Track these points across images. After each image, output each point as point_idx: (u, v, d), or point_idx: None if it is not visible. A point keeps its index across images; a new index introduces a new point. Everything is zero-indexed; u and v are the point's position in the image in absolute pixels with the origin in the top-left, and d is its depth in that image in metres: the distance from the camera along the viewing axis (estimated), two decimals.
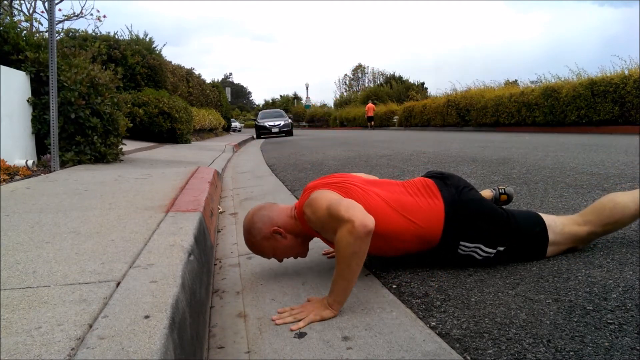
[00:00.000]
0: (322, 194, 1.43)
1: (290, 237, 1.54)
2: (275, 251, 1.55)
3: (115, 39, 10.56)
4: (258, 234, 1.53)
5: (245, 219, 1.57)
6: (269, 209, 1.58)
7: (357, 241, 1.23)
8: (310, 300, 1.31)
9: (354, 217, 1.24)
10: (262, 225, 1.52)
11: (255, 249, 1.58)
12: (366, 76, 49.63)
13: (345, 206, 1.29)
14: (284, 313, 1.27)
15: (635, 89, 9.83)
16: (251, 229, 1.54)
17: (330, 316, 1.24)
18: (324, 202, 1.37)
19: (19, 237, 1.51)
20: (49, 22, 3.65)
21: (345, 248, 1.23)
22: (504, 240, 1.52)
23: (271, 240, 1.53)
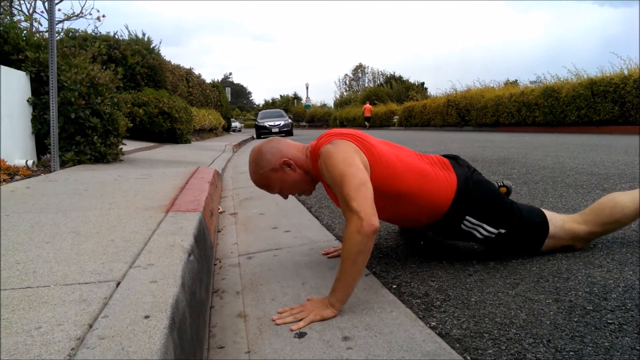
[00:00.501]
0: (341, 152, 1.37)
1: (299, 172, 1.51)
2: (283, 184, 1.52)
3: (115, 39, 10.56)
4: (267, 165, 1.49)
5: (253, 151, 1.53)
6: (278, 142, 1.55)
7: (364, 239, 1.24)
8: (311, 300, 1.31)
9: (363, 214, 1.24)
10: (271, 157, 1.49)
11: (261, 182, 1.54)
12: (366, 76, 49.66)
13: (358, 190, 1.27)
14: (284, 313, 1.26)
15: (635, 89, 9.83)
16: (259, 160, 1.50)
17: (330, 316, 1.23)
18: (340, 167, 1.33)
19: (19, 237, 1.51)
20: (49, 22, 3.65)
21: (354, 246, 1.24)
22: (506, 224, 1.54)
23: (280, 172, 1.49)
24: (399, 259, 1.68)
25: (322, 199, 2.90)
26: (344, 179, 1.31)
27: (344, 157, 1.36)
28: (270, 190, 1.56)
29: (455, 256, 1.68)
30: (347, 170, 1.32)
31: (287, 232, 2.18)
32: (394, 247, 1.83)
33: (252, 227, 2.36)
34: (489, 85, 17.07)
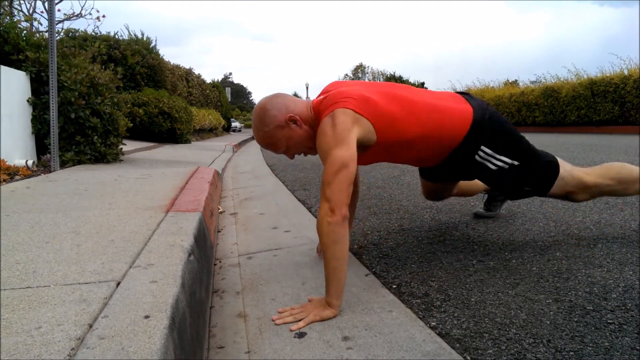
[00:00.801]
0: (335, 127, 1.33)
1: (305, 128, 1.45)
2: (289, 142, 1.45)
3: (115, 39, 10.57)
4: (272, 122, 1.42)
5: (257, 108, 1.46)
6: (283, 96, 1.48)
7: (335, 228, 1.24)
8: (312, 300, 1.31)
9: (334, 203, 1.25)
10: (277, 113, 1.42)
11: (266, 140, 1.46)
12: (366, 76, 49.65)
13: (336, 175, 1.27)
14: (284, 313, 1.26)
15: (635, 89, 9.83)
16: (264, 116, 1.43)
17: (330, 316, 1.23)
18: (329, 145, 1.31)
19: (19, 237, 1.51)
20: (49, 22, 3.65)
21: (326, 236, 1.26)
22: (520, 156, 1.57)
23: (286, 129, 1.43)
24: (399, 259, 1.68)
25: None
26: (327, 158, 1.31)
27: (335, 133, 1.33)
28: (276, 149, 1.48)
29: (455, 256, 1.68)
30: (334, 150, 1.31)
31: (287, 232, 2.18)
32: (394, 247, 1.83)
33: (252, 227, 2.36)
34: (489, 85, 17.08)
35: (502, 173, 1.57)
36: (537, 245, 1.74)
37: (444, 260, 1.63)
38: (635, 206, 2.26)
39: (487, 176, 1.61)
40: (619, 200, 2.42)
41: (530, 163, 1.59)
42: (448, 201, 2.61)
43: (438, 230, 2.04)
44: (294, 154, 1.52)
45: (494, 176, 1.58)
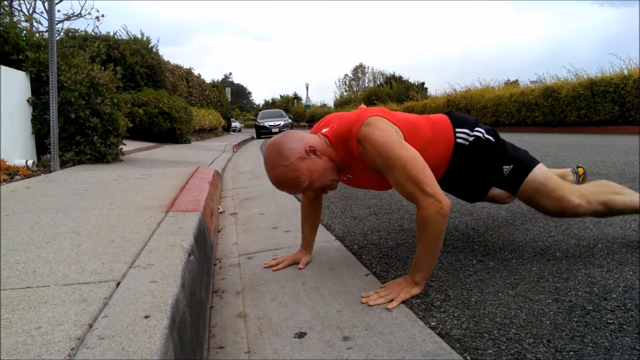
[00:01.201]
0: (386, 133, 1.35)
1: (325, 159, 1.42)
2: (312, 175, 1.38)
3: (115, 38, 10.56)
4: (292, 155, 1.36)
5: (270, 146, 1.40)
6: (295, 132, 1.46)
7: (445, 220, 1.30)
8: (392, 282, 1.38)
9: (440, 196, 1.30)
10: (295, 145, 1.37)
11: (288, 175, 1.37)
12: (366, 76, 49.64)
13: (424, 173, 1.31)
14: (371, 296, 1.32)
15: (635, 89, 9.83)
16: (282, 151, 1.36)
17: (417, 293, 1.33)
18: (397, 151, 1.32)
19: (19, 237, 1.51)
20: (49, 22, 3.65)
21: (436, 227, 1.30)
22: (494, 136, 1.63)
23: (307, 160, 1.37)
24: (399, 259, 1.68)
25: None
26: (406, 163, 1.32)
27: (393, 139, 1.36)
28: (298, 185, 1.39)
29: (455, 256, 1.68)
30: (406, 154, 1.33)
31: (287, 232, 2.18)
32: (394, 247, 1.83)
33: (252, 227, 2.36)
34: (489, 85, 17.07)
35: (479, 143, 1.59)
36: (537, 245, 1.74)
37: (444, 260, 1.63)
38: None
39: (466, 156, 1.60)
40: None
41: (504, 142, 1.64)
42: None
43: None
44: (316, 190, 1.45)
45: (471, 149, 1.60)
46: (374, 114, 1.41)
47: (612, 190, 1.59)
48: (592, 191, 1.57)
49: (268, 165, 1.40)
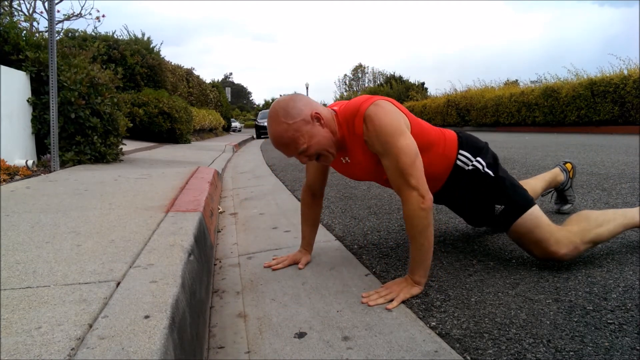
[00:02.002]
0: (391, 117, 1.36)
1: (327, 130, 1.40)
2: (311, 140, 1.37)
3: (115, 38, 10.57)
4: (297, 115, 1.34)
5: (278, 102, 1.38)
6: (307, 96, 1.45)
7: (428, 214, 1.32)
8: (393, 282, 1.38)
9: (423, 190, 1.32)
10: (303, 107, 1.36)
11: (288, 134, 1.35)
12: (366, 76, 49.66)
13: (414, 165, 1.33)
14: (372, 295, 1.32)
15: (635, 89, 9.83)
16: (290, 109, 1.35)
17: (418, 292, 1.33)
18: (395, 137, 1.33)
19: (19, 237, 1.51)
20: (49, 22, 3.65)
21: (420, 221, 1.32)
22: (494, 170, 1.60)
23: (310, 125, 1.36)
24: (399, 259, 1.68)
25: None
26: (400, 150, 1.33)
27: (396, 125, 1.36)
28: (295, 146, 1.37)
29: (455, 256, 1.68)
30: (403, 142, 1.34)
31: (287, 232, 2.18)
32: (394, 247, 1.83)
33: (252, 227, 2.36)
34: (489, 85, 17.08)
35: (476, 174, 1.57)
36: None
37: (444, 260, 1.63)
38: (635, 206, 2.26)
39: (462, 181, 1.59)
40: (618, 200, 2.42)
41: (503, 180, 1.59)
42: None
43: (438, 230, 2.04)
44: (310, 157, 1.44)
45: (467, 178, 1.58)
46: (385, 99, 1.44)
47: (595, 224, 1.53)
48: (578, 233, 1.50)
49: (271, 119, 1.38)
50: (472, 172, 1.58)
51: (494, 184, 1.58)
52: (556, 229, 1.50)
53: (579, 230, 1.51)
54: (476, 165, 1.58)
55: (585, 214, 1.60)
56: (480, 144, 1.66)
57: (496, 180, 1.59)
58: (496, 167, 1.61)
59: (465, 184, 1.60)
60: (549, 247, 1.47)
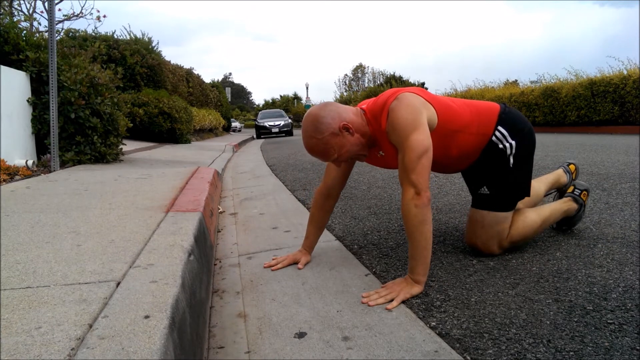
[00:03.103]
0: (409, 110, 1.40)
1: (357, 136, 1.48)
2: (341, 149, 1.46)
3: (115, 38, 10.57)
4: (326, 129, 1.43)
5: (309, 116, 1.46)
6: (336, 105, 1.50)
7: (422, 210, 1.33)
8: (393, 282, 1.38)
9: (420, 187, 1.33)
10: (331, 121, 1.43)
11: (319, 148, 1.46)
12: (366, 76, 49.62)
13: (419, 161, 1.35)
14: (372, 295, 1.32)
15: (635, 89, 9.83)
16: (319, 124, 1.43)
17: (418, 292, 1.33)
18: (407, 130, 1.37)
19: (19, 237, 1.51)
20: (49, 22, 3.65)
21: (415, 217, 1.34)
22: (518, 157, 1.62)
23: (339, 137, 1.44)
24: (399, 259, 1.68)
25: None
26: (409, 145, 1.36)
27: (412, 118, 1.39)
28: (326, 156, 1.49)
29: (455, 256, 1.68)
30: (415, 137, 1.36)
31: (287, 232, 2.18)
32: (394, 247, 1.83)
33: (252, 227, 2.36)
34: (489, 85, 17.06)
35: (501, 154, 1.60)
36: (537, 245, 1.74)
37: (444, 260, 1.63)
38: (635, 206, 2.26)
39: (490, 157, 1.61)
40: (619, 200, 2.42)
41: (514, 175, 1.62)
42: (448, 201, 2.61)
43: (438, 230, 2.04)
44: (344, 162, 1.54)
45: (494, 156, 1.60)
46: (410, 91, 1.47)
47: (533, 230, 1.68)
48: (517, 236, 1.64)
49: (303, 134, 1.49)
50: (500, 151, 1.60)
51: (504, 170, 1.60)
52: (505, 236, 1.62)
53: (519, 233, 1.64)
54: (506, 147, 1.60)
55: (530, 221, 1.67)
56: (522, 126, 1.64)
57: (509, 171, 1.61)
58: (521, 157, 1.62)
59: (488, 159, 1.62)
60: (492, 247, 1.62)
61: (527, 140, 1.64)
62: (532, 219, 1.67)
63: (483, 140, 1.61)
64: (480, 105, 1.66)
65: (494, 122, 1.61)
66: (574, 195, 1.88)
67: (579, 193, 1.89)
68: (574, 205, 1.86)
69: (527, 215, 1.67)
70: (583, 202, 1.88)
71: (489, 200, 1.61)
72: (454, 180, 3.39)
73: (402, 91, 1.47)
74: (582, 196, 1.89)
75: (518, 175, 1.63)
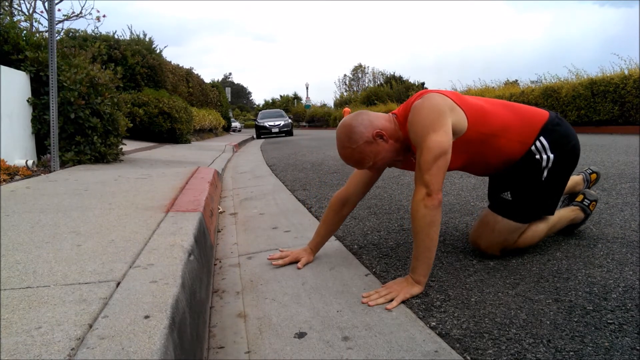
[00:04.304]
0: (431, 109, 1.39)
1: (391, 142, 1.48)
2: (376, 157, 1.47)
3: (115, 39, 10.57)
4: (360, 138, 1.44)
5: (342, 126, 1.48)
6: (367, 113, 1.50)
7: (432, 211, 1.33)
8: (393, 281, 1.38)
9: (432, 188, 1.33)
10: (364, 129, 1.44)
11: (354, 157, 1.47)
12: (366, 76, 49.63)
13: (435, 162, 1.34)
14: (372, 295, 1.32)
15: (635, 89, 9.82)
16: (352, 134, 1.45)
17: (418, 292, 1.33)
18: (426, 129, 1.36)
19: (19, 237, 1.51)
20: (49, 22, 3.65)
21: (422, 218, 1.33)
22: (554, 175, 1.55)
23: (373, 144, 1.45)
24: (399, 259, 1.68)
25: (322, 199, 2.90)
26: (427, 146, 1.35)
27: (433, 117, 1.38)
28: (362, 164, 1.50)
29: (455, 256, 1.68)
30: (433, 138, 1.35)
31: (287, 232, 2.18)
32: (394, 247, 1.83)
33: (252, 227, 2.36)
34: (489, 85, 17.05)
35: (535, 165, 1.54)
36: (537, 245, 1.74)
37: (444, 260, 1.63)
38: (635, 206, 2.26)
39: (523, 164, 1.55)
40: (619, 201, 2.42)
41: (543, 189, 1.56)
42: (448, 201, 2.61)
43: None
44: (381, 167, 1.54)
45: (528, 164, 1.54)
46: (439, 92, 1.46)
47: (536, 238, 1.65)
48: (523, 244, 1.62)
49: (338, 144, 1.50)
50: (536, 161, 1.54)
51: (534, 181, 1.55)
52: (512, 243, 1.60)
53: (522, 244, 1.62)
54: (543, 159, 1.54)
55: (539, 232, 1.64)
56: (566, 141, 1.57)
57: (540, 183, 1.55)
58: (556, 174, 1.55)
59: (520, 165, 1.57)
60: (495, 250, 1.60)
61: (567, 157, 1.57)
62: (541, 229, 1.63)
63: (522, 149, 1.55)
64: (526, 110, 1.61)
65: (537, 130, 1.55)
66: (582, 205, 1.84)
67: (588, 204, 1.84)
68: (581, 215, 1.83)
69: (538, 225, 1.63)
70: (590, 212, 1.85)
71: (508, 206, 1.56)
72: (454, 180, 3.39)
73: (430, 92, 1.46)
74: (591, 207, 1.85)
75: (547, 191, 1.58)
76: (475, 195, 2.77)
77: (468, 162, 1.59)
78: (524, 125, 1.55)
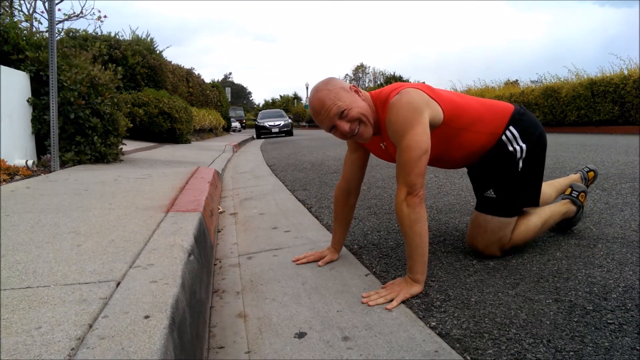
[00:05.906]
0: (410, 107, 1.38)
1: (365, 103, 1.47)
2: (351, 104, 1.42)
3: (116, 39, 10.56)
4: (338, 84, 1.46)
5: (319, 83, 1.47)
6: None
7: (414, 210, 1.34)
8: (393, 282, 1.38)
9: (415, 189, 1.34)
10: (342, 81, 1.48)
11: (328, 98, 1.41)
12: (367, 76, 49.64)
13: (417, 163, 1.35)
14: (372, 295, 1.32)
15: (635, 89, 9.82)
16: (330, 80, 1.47)
17: (418, 292, 1.34)
18: (406, 128, 1.36)
19: (19, 237, 1.51)
20: (49, 22, 3.65)
21: (407, 217, 1.35)
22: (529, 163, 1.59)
23: (350, 93, 1.45)
24: (399, 259, 1.68)
25: (322, 199, 2.90)
26: (408, 144, 1.36)
27: (411, 116, 1.38)
28: (337, 108, 1.40)
29: (455, 256, 1.68)
30: (414, 137, 1.36)
31: (287, 232, 2.18)
32: (394, 247, 1.83)
33: (252, 227, 2.36)
34: (489, 85, 17.05)
35: (510, 157, 1.57)
36: (537, 245, 1.74)
37: (444, 260, 1.63)
38: (635, 206, 2.26)
39: (498, 158, 1.59)
40: (619, 200, 2.42)
41: (522, 180, 1.59)
42: (448, 201, 2.61)
43: (438, 230, 2.04)
44: (351, 122, 1.42)
45: (503, 156, 1.58)
46: (416, 87, 1.46)
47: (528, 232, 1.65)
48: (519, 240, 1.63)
49: (313, 91, 1.47)
50: (510, 153, 1.58)
51: (512, 174, 1.59)
52: (507, 240, 1.61)
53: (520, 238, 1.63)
54: (516, 150, 1.58)
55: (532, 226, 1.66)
56: (534, 129, 1.62)
57: (517, 175, 1.59)
58: (531, 163, 1.59)
59: (496, 160, 1.60)
60: (493, 250, 1.61)
61: (538, 145, 1.61)
62: (534, 223, 1.65)
63: (492, 140, 1.59)
64: (494, 104, 1.66)
65: (506, 121, 1.60)
66: (571, 197, 1.86)
67: (577, 195, 1.87)
68: (572, 208, 1.84)
69: (529, 218, 1.66)
70: (581, 203, 1.86)
71: (494, 204, 1.59)
72: (454, 180, 3.39)
73: (406, 86, 1.47)
74: (580, 198, 1.86)
75: (526, 181, 1.61)
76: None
77: (443, 154, 1.61)
78: (494, 117, 1.60)
